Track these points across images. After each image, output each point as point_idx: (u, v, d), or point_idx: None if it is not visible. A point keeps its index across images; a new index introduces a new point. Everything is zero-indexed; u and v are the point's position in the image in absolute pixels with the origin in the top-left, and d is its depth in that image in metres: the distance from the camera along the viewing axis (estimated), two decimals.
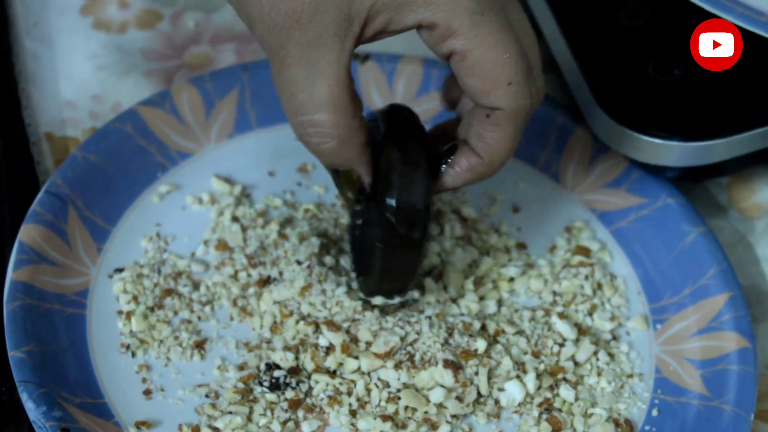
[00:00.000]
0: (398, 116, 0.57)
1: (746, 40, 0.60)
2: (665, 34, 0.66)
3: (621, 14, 0.68)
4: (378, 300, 0.60)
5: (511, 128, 0.54)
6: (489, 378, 0.59)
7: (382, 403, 0.58)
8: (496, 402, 0.59)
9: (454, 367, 0.58)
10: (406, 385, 0.58)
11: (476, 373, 0.58)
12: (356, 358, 0.59)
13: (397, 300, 0.60)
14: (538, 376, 0.59)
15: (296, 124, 0.53)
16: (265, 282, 0.62)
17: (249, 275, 0.63)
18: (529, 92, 0.53)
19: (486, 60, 0.52)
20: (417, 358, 0.58)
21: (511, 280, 0.64)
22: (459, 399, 0.58)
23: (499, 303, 0.63)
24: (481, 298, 0.63)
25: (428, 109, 0.69)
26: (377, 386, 0.58)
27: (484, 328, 0.61)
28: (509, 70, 0.52)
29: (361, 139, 0.54)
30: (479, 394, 0.58)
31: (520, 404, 0.59)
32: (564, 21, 0.68)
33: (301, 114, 0.53)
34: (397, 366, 0.58)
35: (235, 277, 0.63)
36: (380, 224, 0.56)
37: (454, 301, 0.62)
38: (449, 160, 0.56)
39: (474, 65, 0.52)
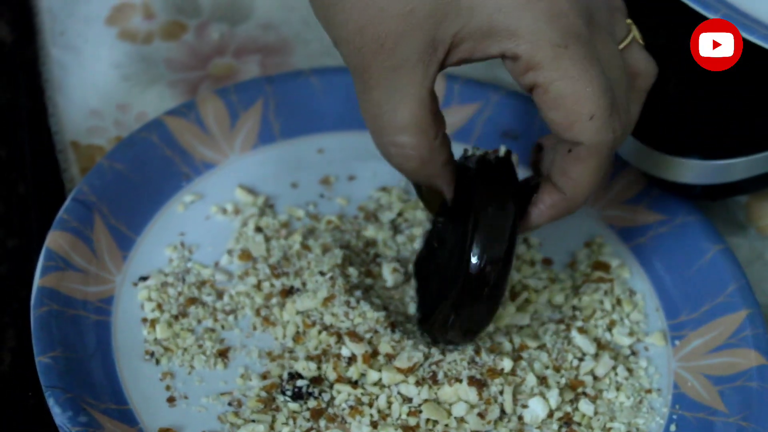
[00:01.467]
0: (491, 160, 0.57)
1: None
2: (686, 53, 0.67)
3: (642, 32, 0.68)
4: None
5: (594, 163, 0.54)
6: (514, 396, 0.59)
7: (403, 416, 0.59)
8: (520, 418, 0.59)
9: (479, 384, 0.58)
10: (427, 400, 0.59)
11: (501, 392, 0.59)
12: (378, 370, 0.59)
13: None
14: (560, 391, 0.60)
15: (379, 143, 0.54)
16: (288, 292, 0.63)
17: (272, 285, 0.63)
18: (612, 127, 0.53)
19: (568, 93, 0.52)
20: (440, 376, 0.59)
21: (535, 292, 0.64)
22: (481, 416, 0.58)
23: (533, 315, 0.63)
24: (518, 309, 0.63)
25: (450, 124, 0.69)
26: (398, 400, 0.59)
27: (510, 341, 0.61)
28: (591, 103, 0.52)
29: (443, 158, 0.55)
30: (503, 412, 0.59)
31: (542, 420, 0.59)
32: None
33: (384, 135, 0.53)
34: (419, 383, 0.59)
35: (258, 287, 0.63)
36: (456, 276, 0.56)
37: None
38: (533, 199, 0.56)
39: (556, 98, 0.52)
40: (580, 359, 0.62)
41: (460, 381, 0.58)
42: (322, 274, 0.63)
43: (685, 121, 0.65)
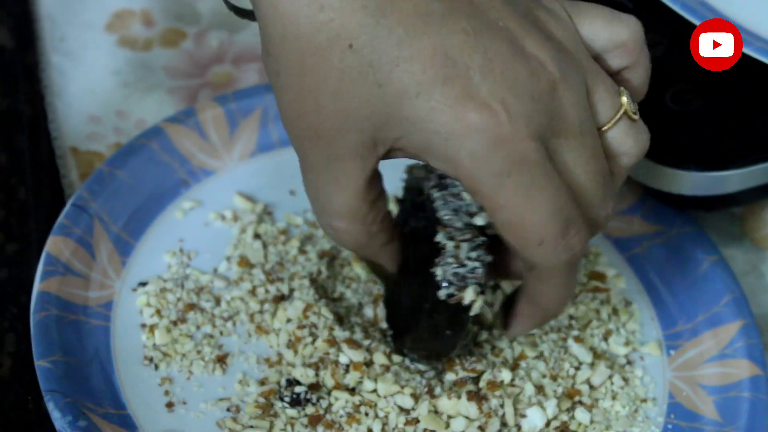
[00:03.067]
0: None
1: (764, 74, 0.61)
2: (683, 65, 0.67)
3: None
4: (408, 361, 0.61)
5: (555, 281, 0.52)
6: (514, 407, 0.59)
7: (400, 426, 0.59)
8: (518, 429, 0.59)
9: (479, 398, 0.59)
10: (425, 412, 0.59)
11: (502, 405, 0.59)
12: (374, 380, 0.60)
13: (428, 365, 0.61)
14: (557, 399, 0.60)
15: (319, 222, 0.55)
16: (280, 298, 0.63)
17: (267, 291, 0.64)
18: (567, 246, 0.50)
19: (513, 222, 0.49)
20: (437, 391, 0.59)
21: None
22: (481, 429, 0.58)
23: None
24: None
25: None
26: (395, 409, 0.59)
27: (511, 348, 0.62)
28: (538, 231, 0.49)
29: (381, 241, 0.55)
30: (503, 424, 0.59)
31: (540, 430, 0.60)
32: None
33: (322, 216, 0.54)
34: (415, 395, 0.59)
35: (253, 292, 0.64)
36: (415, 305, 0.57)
37: (482, 326, 0.63)
38: (512, 312, 0.57)
39: (501, 226, 0.50)
40: (577, 368, 0.62)
41: (459, 397, 0.59)
42: (312, 280, 0.63)
43: (681, 132, 0.65)
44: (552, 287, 0.53)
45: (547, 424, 0.60)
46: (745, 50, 0.60)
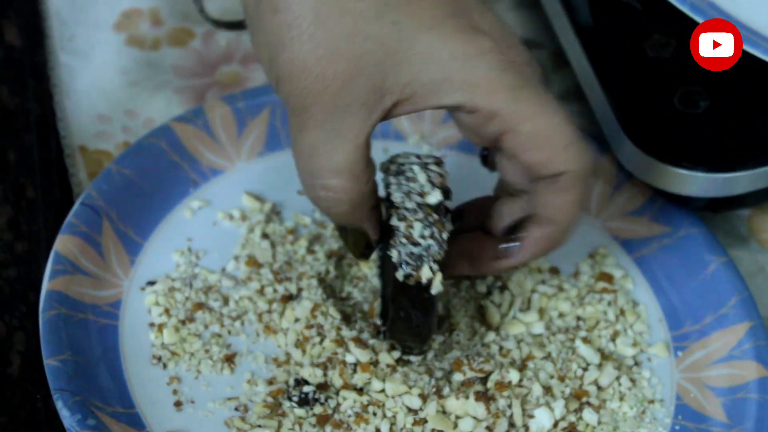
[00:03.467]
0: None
1: None
2: (691, 67, 0.67)
3: (648, 46, 0.69)
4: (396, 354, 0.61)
5: (580, 189, 0.55)
6: (521, 408, 0.59)
7: (408, 426, 0.59)
8: (527, 429, 0.59)
9: (486, 399, 0.59)
10: (433, 412, 0.59)
11: (509, 406, 0.59)
12: (382, 380, 0.60)
13: (414, 358, 0.61)
14: (565, 400, 0.60)
15: (309, 185, 0.54)
16: (288, 298, 0.63)
17: (275, 291, 0.64)
18: (587, 151, 0.54)
19: (538, 130, 0.53)
20: (445, 392, 0.59)
21: (547, 298, 0.65)
22: (489, 429, 0.59)
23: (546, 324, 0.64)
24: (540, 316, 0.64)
25: (451, 136, 0.70)
26: (403, 409, 0.59)
27: (518, 348, 0.62)
28: (563, 134, 0.53)
29: (372, 203, 0.55)
30: (511, 425, 0.59)
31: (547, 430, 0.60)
32: (592, 51, 0.69)
33: (316, 177, 0.54)
34: (423, 396, 0.59)
35: (261, 292, 0.64)
36: (389, 280, 0.57)
37: (489, 328, 0.63)
38: (517, 236, 0.57)
39: (527, 139, 0.53)
40: (584, 369, 0.62)
41: (467, 397, 0.59)
42: (320, 280, 0.63)
43: (689, 134, 0.65)
44: (571, 197, 0.55)
45: (555, 424, 0.60)
46: (750, 49, 0.60)
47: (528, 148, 0.53)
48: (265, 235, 0.66)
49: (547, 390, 0.60)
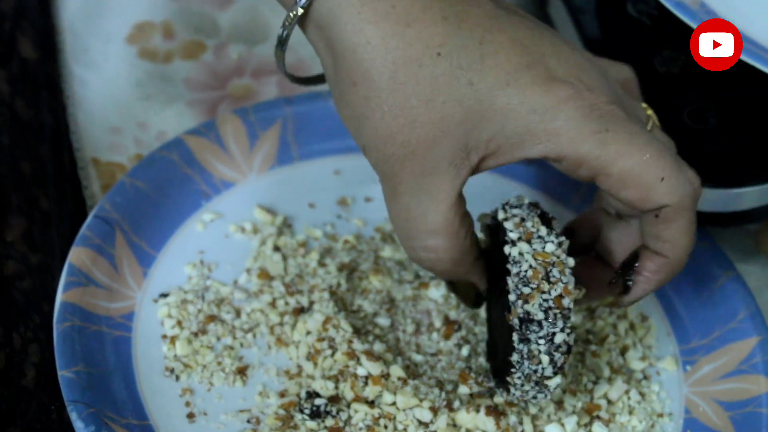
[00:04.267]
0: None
1: None
2: (700, 83, 0.68)
3: (657, 60, 0.69)
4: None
5: (684, 219, 0.54)
6: (533, 423, 0.60)
7: None
8: None
9: (497, 414, 0.59)
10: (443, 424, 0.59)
11: (521, 422, 0.59)
12: (393, 393, 0.60)
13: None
14: (576, 415, 0.60)
15: (409, 248, 0.55)
16: (300, 311, 0.64)
17: (287, 303, 0.64)
18: (687, 178, 0.54)
19: (629, 170, 0.52)
20: (456, 405, 0.60)
21: None
22: None
23: None
24: None
25: None
26: (414, 422, 0.60)
27: None
28: (656, 167, 0.53)
29: (473, 256, 0.55)
30: None
31: None
32: None
33: (414, 239, 0.54)
34: (434, 409, 0.60)
35: (273, 304, 0.64)
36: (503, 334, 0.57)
37: None
38: (633, 269, 0.57)
39: (619, 180, 0.53)
40: (594, 383, 0.62)
41: (478, 411, 0.59)
42: (332, 293, 0.63)
43: (698, 149, 0.66)
44: (679, 229, 0.54)
45: None
46: (745, 58, 0.60)
47: (622, 187, 0.53)
48: (276, 248, 0.66)
49: (559, 405, 0.61)
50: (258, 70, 0.76)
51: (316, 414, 0.60)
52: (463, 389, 0.60)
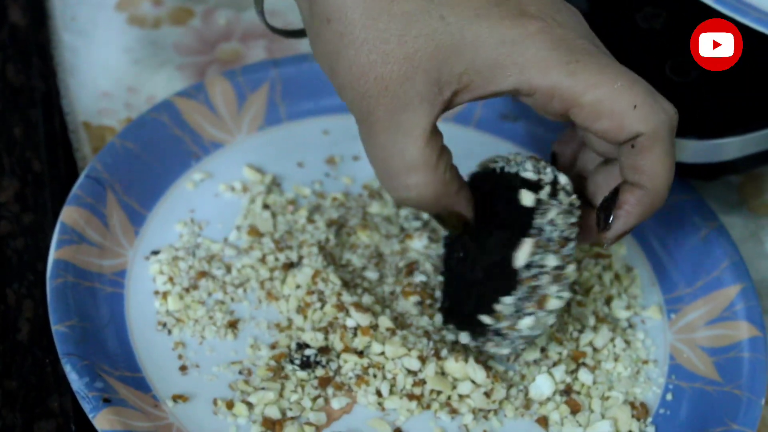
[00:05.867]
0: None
1: (760, 43, 0.62)
2: (682, 37, 0.69)
3: (639, 17, 0.70)
4: (464, 338, 0.60)
5: (660, 148, 0.54)
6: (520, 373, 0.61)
7: (408, 387, 0.60)
8: (526, 394, 0.61)
9: (486, 364, 0.60)
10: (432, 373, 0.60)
11: (506, 370, 0.61)
12: (382, 343, 0.61)
13: (481, 342, 0.60)
14: (563, 362, 0.61)
15: (390, 187, 0.55)
16: (289, 266, 0.64)
17: (276, 259, 0.65)
18: (661, 107, 0.54)
19: (600, 98, 0.53)
20: (444, 353, 0.61)
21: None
22: (487, 395, 0.60)
23: None
24: None
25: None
26: (403, 371, 0.61)
27: None
28: (628, 95, 0.53)
29: (456, 187, 0.56)
30: (510, 386, 0.61)
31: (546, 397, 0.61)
32: None
33: (394, 178, 0.54)
34: (422, 358, 0.60)
35: (263, 260, 0.65)
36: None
37: None
38: (616, 204, 0.57)
39: (592, 111, 0.53)
40: (580, 331, 0.63)
41: (466, 360, 0.60)
42: (321, 248, 0.64)
43: (681, 102, 0.66)
44: (656, 158, 0.54)
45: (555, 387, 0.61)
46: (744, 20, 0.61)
47: (595, 118, 0.53)
48: (266, 206, 0.67)
49: (543, 352, 0.62)
50: (246, 34, 0.77)
51: (306, 364, 0.61)
52: (449, 336, 0.61)
